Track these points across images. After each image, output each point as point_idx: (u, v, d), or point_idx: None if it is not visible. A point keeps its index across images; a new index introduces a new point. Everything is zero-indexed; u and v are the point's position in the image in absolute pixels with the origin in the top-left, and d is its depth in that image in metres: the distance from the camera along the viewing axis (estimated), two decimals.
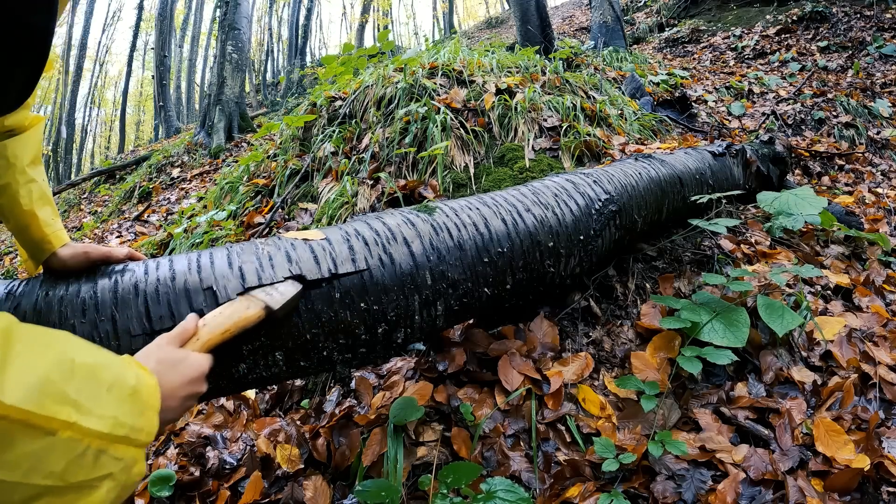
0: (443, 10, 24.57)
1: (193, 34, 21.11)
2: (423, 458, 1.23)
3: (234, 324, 0.79)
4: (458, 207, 1.21)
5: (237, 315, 0.80)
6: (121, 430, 0.54)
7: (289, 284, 0.86)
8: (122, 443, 0.55)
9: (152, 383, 0.61)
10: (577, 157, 2.45)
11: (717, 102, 4.74)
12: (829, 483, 1.08)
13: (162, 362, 0.67)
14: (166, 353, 0.69)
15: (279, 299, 0.83)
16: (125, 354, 0.63)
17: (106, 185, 7.73)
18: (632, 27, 9.30)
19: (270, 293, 0.84)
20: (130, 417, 0.56)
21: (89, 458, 0.52)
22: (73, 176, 17.93)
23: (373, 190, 2.38)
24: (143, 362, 0.64)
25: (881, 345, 1.50)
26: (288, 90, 14.41)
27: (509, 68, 3.25)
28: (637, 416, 1.28)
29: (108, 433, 0.53)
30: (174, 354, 0.70)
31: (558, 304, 1.59)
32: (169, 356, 0.69)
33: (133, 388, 0.57)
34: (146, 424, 0.58)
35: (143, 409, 0.58)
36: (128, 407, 0.56)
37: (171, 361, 0.68)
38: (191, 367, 0.69)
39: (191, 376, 0.69)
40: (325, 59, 3.31)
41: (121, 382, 0.56)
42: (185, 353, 0.71)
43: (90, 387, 0.52)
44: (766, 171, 2.33)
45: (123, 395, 0.55)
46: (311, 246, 0.98)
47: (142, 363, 0.63)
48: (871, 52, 6.00)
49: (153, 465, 1.46)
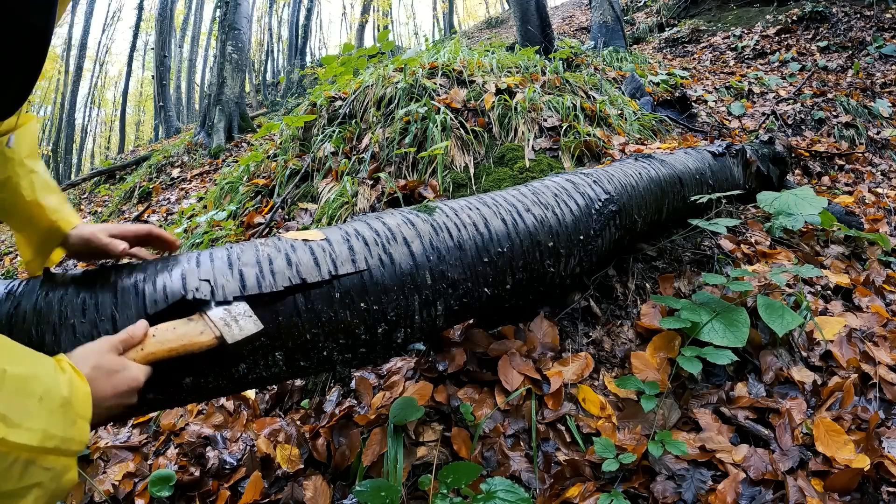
0: (443, 10, 24.57)
1: (193, 34, 21.12)
2: (423, 458, 1.23)
3: (181, 345, 0.76)
4: (458, 207, 1.21)
5: (187, 338, 0.77)
6: (50, 443, 0.54)
7: (251, 322, 0.82)
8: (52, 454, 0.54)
9: (85, 391, 0.60)
10: (577, 157, 2.45)
11: (717, 102, 4.74)
12: (829, 483, 1.08)
13: (97, 369, 0.65)
14: (104, 360, 0.67)
15: (236, 334, 0.79)
16: (60, 355, 0.62)
17: (106, 186, 7.73)
18: (632, 27, 9.30)
19: (230, 324, 0.80)
20: (61, 429, 0.55)
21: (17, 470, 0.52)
22: (73, 176, 17.93)
23: (373, 190, 2.38)
24: (77, 365, 0.63)
25: (881, 345, 1.50)
26: (288, 90, 14.41)
27: (509, 68, 3.25)
28: (637, 416, 1.28)
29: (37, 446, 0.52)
30: (112, 362, 0.68)
31: (558, 304, 1.59)
32: (106, 364, 0.67)
33: (65, 399, 0.56)
34: (77, 434, 0.57)
35: (75, 419, 0.57)
36: (58, 418, 0.55)
37: (107, 370, 0.66)
38: (124, 381, 0.67)
39: (122, 390, 0.67)
40: (325, 59, 3.31)
41: (52, 393, 0.55)
42: (122, 364, 0.69)
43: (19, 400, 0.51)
44: (766, 171, 2.33)
45: (54, 407, 0.55)
46: (311, 247, 0.98)
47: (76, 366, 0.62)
48: (871, 52, 6.00)
49: (153, 465, 1.46)
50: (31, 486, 0.54)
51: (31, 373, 0.54)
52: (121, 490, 1.38)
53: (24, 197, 0.87)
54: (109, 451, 1.54)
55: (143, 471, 1.45)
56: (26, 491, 0.54)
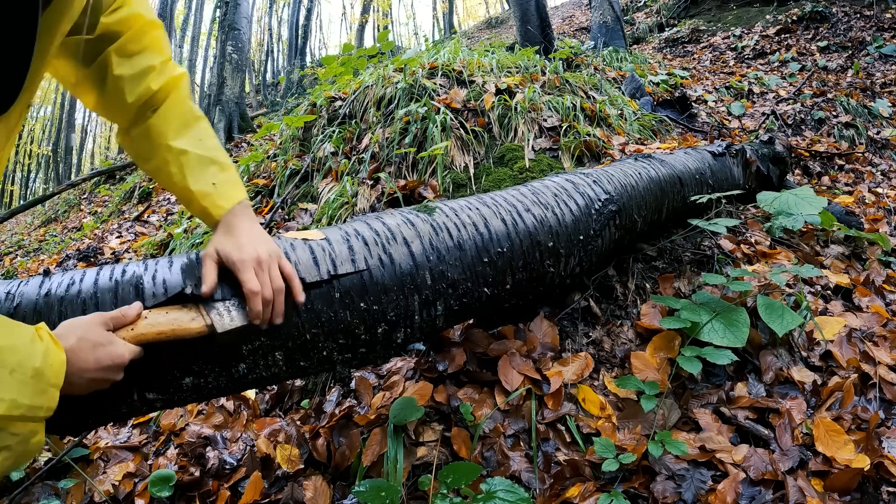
0: (443, 10, 24.57)
1: (193, 34, 21.10)
2: (423, 458, 1.23)
3: (171, 329, 0.76)
4: (457, 207, 1.21)
5: (177, 323, 0.77)
6: (17, 411, 0.56)
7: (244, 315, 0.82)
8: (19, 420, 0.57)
9: (59, 360, 0.62)
10: (577, 157, 2.45)
11: (717, 102, 4.74)
12: (829, 483, 1.08)
13: (82, 340, 0.67)
14: (91, 333, 0.68)
15: (226, 324, 0.79)
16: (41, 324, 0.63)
17: (106, 186, 7.73)
18: (632, 27, 9.30)
19: (222, 314, 0.80)
20: (29, 398, 0.58)
21: None
22: (72, 176, 17.94)
23: (373, 190, 2.38)
24: (63, 333, 0.65)
25: (881, 345, 1.50)
26: (288, 90, 14.41)
27: (509, 68, 3.25)
28: (637, 416, 1.28)
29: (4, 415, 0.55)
30: (98, 335, 0.69)
31: (558, 304, 1.59)
32: (92, 336, 0.68)
33: (36, 370, 0.58)
34: (46, 401, 0.60)
35: (45, 388, 0.59)
36: (28, 388, 0.57)
37: (93, 342, 0.67)
38: (109, 355, 0.68)
39: (106, 363, 0.68)
40: (325, 60, 3.31)
41: (24, 365, 0.57)
42: (109, 339, 0.70)
43: None
44: (766, 170, 2.33)
45: (25, 378, 0.57)
46: (311, 246, 0.98)
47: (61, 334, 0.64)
48: (871, 52, 6.00)
49: (153, 465, 1.47)
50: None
51: (4, 345, 0.56)
52: (121, 490, 1.38)
53: (175, 183, 0.85)
54: (109, 451, 1.54)
55: (143, 471, 1.45)
56: None
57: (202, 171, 0.85)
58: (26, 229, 8.68)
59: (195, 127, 0.88)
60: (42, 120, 24.77)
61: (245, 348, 0.89)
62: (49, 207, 9.13)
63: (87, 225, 5.98)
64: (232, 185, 0.88)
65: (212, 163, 0.87)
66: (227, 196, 0.86)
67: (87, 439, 1.58)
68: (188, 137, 0.86)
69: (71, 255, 4.37)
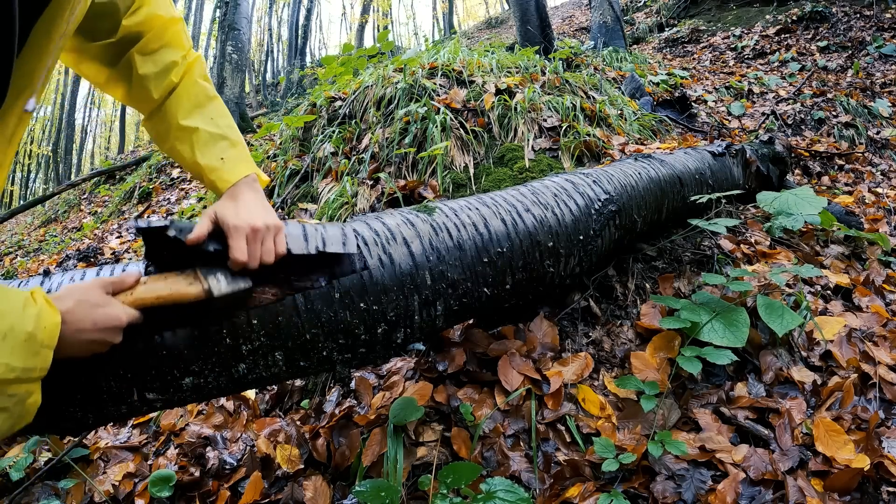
0: (443, 10, 24.57)
1: (193, 34, 21.10)
2: (423, 458, 1.23)
3: (169, 294, 0.78)
4: (457, 207, 1.21)
5: (176, 287, 0.78)
6: (11, 374, 0.58)
7: (241, 281, 0.83)
8: (13, 383, 0.59)
9: (54, 322, 0.63)
10: (577, 157, 2.45)
11: (717, 102, 4.74)
12: (829, 483, 1.08)
13: (80, 302, 0.68)
14: (89, 295, 0.69)
15: (223, 288, 0.80)
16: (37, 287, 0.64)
17: (106, 186, 7.73)
18: (632, 27, 9.30)
19: (219, 280, 0.81)
20: (22, 361, 0.59)
21: None
22: (72, 176, 17.94)
23: (372, 190, 2.38)
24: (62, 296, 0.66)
25: (881, 345, 1.50)
26: (288, 90, 14.41)
27: (509, 68, 3.25)
28: (637, 416, 1.28)
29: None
30: (97, 298, 0.70)
31: (558, 304, 1.59)
32: (90, 298, 0.69)
33: (29, 334, 0.59)
34: (39, 363, 0.61)
35: (38, 350, 0.61)
36: (21, 352, 0.59)
37: (91, 303, 0.69)
38: (107, 316, 0.69)
39: (104, 324, 0.69)
40: (325, 60, 3.31)
41: (16, 330, 0.58)
42: (107, 300, 0.71)
43: None
44: (766, 170, 2.33)
45: (18, 342, 0.58)
46: (304, 226, 0.98)
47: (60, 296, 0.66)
48: (871, 52, 6.00)
49: (153, 465, 1.47)
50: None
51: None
52: (121, 490, 1.38)
53: (186, 159, 0.88)
54: (109, 451, 1.54)
55: (143, 471, 1.45)
56: None
57: (212, 147, 0.88)
58: (26, 229, 8.69)
59: (207, 106, 0.91)
60: (42, 120, 24.77)
61: (245, 348, 0.89)
62: (49, 207, 9.14)
63: (87, 225, 5.98)
64: (241, 161, 0.90)
65: (222, 139, 0.89)
66: (234, 171, 0.89)
67: (87, 439, 1.58)
68: (200, 116, 0.89)
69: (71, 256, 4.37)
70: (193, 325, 0.84)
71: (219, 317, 0.86)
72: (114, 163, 9.37)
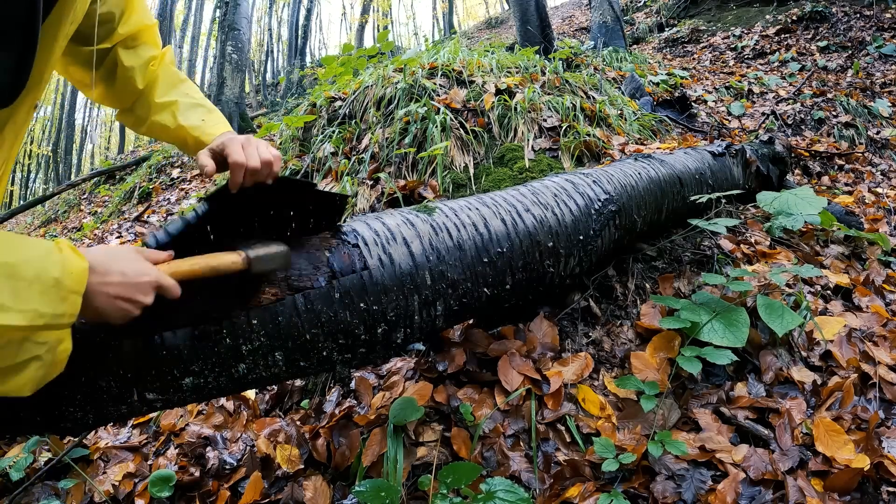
0: (442, 10, 24.57)
1: (193, 34, 21.10)
2: (423, 458, 1.23)
3: (206, 263, 0.78)
4: (457, 207, 1.21)
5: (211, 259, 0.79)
6: (41, 321, 0.58)
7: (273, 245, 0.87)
8: (44, 329, 0.59)
9: (81, 267, 0.62)
10: (577, 158, 2.45)
11: (717, 102, 4.74)
12: (828, 483, 1.08)
13: (109, 254, 0.68)
14: (118, 250, 0.70)
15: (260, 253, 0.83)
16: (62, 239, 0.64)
17: (106, 186, 7.73)
18: (632, 27, 9.30)
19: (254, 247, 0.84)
20: (51, 306, 0.59)
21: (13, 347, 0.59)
22: (72, 176, 17.94)
23: (372, 190, 2.38)
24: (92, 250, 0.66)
25: (881, 344, 1.50)
26: (288, 90, 14.41)
27: (509, 68, 3.25)
28: (637, 416, 1.28)
29: (29, 325, 0.57)
30: (127, 253, 0.70)
31: (558, 304, 1.59)
32: (122, 253, 0.69)
33: (56, 279, 0.59)
34: (68, 308, 0.61)
35: (66, 295, 0.60)
36: (49, 297, 0.59)
37: (120, 256, 0.68)
38: (136, 270, 0.68)
39: (133, 277, 0.67)
40: (325, 60, 3.31)
41: (43, 276, 0.58)
42: (138, 257, 0.71)
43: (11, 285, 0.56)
44: (766, 170, 2.33)
45: (46, 287, 0.58)
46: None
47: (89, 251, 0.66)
48: (871, 52, 6.00)
49: (153, 465, 1.47)
50: (28, 359, 0.61)
51: (22, 258, 0.58)
52: (121, 490, 1.38)
53: (168, 127, 0.96)
54: (109, 451, 1.54)
55: (143, 471, 1.45)
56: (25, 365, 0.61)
57: (192, 112, 0.97)
58: (26, 229, 8.69)
59: (180, 86, 1.00)
60: (42, 120, 24.76)
61: (245, 348, 0.89)
62: (49, 208, 9.13)
63: (87, 225, 5.98)
64: (220, 122, 0.97)
65: (199, 107, 0.98)
66: (216, 127, 0.96)
67: (87, 439, 1.58)
68: (175, 93, 0.99)
69: None
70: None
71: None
72: (114, 163, 9.37)
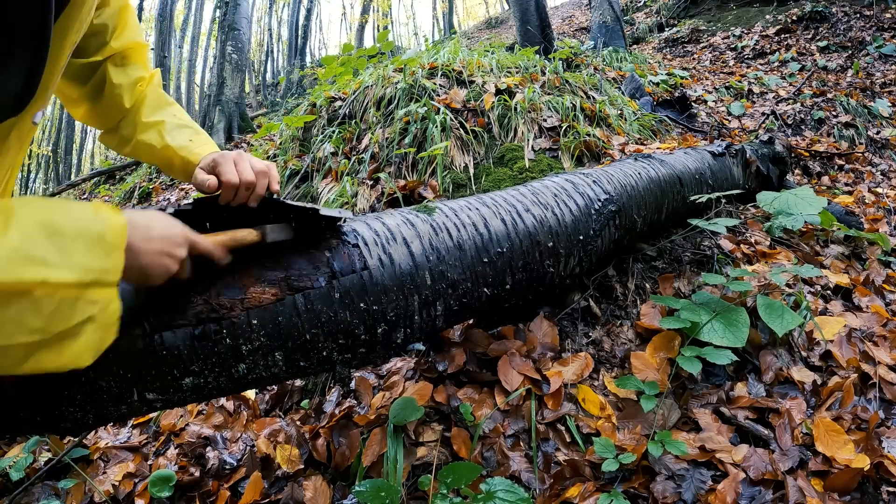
0: (442, 10, 24.57)
1: (193, 35, 21.09)
2: (423, 458, 1.23)
3: (230, 237, 0.83)
4: (457, 207, 1.21)
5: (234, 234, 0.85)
6: (90, 276, 0.58)
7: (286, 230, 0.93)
8: (93, 286, 0.59)
9: (120, 223, 0.63)
10: (577, 158, 2.45)
11: (717, 102, 4.74)
12: (829, 483, 1.08)
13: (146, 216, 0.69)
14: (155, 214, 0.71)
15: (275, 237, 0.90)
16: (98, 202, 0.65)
17: (106, 186, 7.73)
18: (632, 27, 9.30)
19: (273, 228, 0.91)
20: (98, 261, 0.59)
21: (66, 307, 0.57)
22: (72, 176, 17.94)
23: (372, 190, 2.38)
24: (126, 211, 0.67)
25: (881, 345, 1.50)
26: (288, 90, 14.41)
27: (509, 68, 3.25)
28: (637, 416, 1.28)
29: (78, 280, 0.57)
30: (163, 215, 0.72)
31: (558, 304, 1.59)
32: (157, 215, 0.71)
33: (98, 234, 0.60)
34: (114, 264, 0.61)
35: (110, 251, 0.61)
36: (95, 252, 0.59)
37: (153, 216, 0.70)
38: (172, 228, 0.71)
39: (171, 235, 0.70)
40: (325, 60, 3.32)
41: (86, 232, 0.59)
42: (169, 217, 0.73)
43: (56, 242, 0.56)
44: (766, 170, 2.33)
45: (90, 243, 0.59)
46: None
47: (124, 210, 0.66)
48: (871, 52, 6.00)
49: (153, 465, 1.47)
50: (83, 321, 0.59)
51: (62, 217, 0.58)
52: (121, 490, 1.38)
53: (156, 147, 0.95)
54: (109, 451, 1.54)
55: (143, 471, 1.45)
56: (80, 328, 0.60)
57: (179, 132, 0.96)
58: None
59: (167, 108, 1.00)
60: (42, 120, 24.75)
61: (245, 348, 0.89)
62: None
63: None
64: (207, 142, 0.97)
65: (186, 128, 0.98)
66: (204, 147, 0.96)
67: (87, 439, 1.58)
68: (162, 113, 0.98)
69: None
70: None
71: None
72: (114, 163, 9.37)
